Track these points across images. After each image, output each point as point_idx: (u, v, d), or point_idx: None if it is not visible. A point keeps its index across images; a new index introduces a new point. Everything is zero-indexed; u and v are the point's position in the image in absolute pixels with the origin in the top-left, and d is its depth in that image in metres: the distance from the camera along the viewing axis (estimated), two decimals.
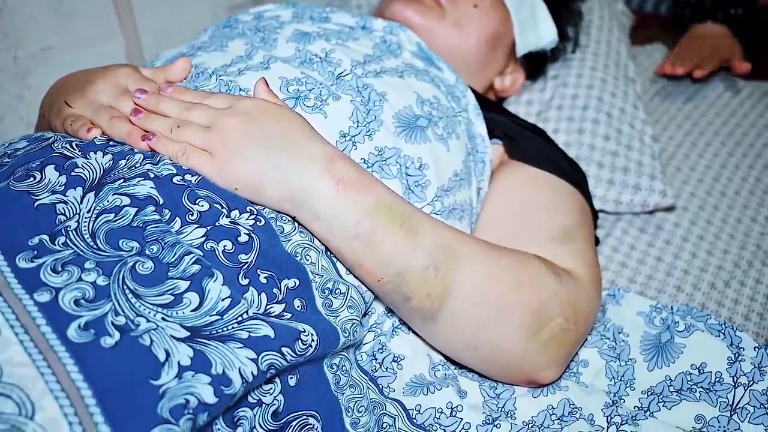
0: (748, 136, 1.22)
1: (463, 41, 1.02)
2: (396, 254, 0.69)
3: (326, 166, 0.69)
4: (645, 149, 1.07)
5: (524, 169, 0.90)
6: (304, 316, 0.67)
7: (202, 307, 0.62)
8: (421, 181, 0.79)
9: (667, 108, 1.27)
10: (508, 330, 0.72)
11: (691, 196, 1.09)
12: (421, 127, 0.81)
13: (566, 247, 0.81)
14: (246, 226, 0.68)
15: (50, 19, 1.17)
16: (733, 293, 0.97)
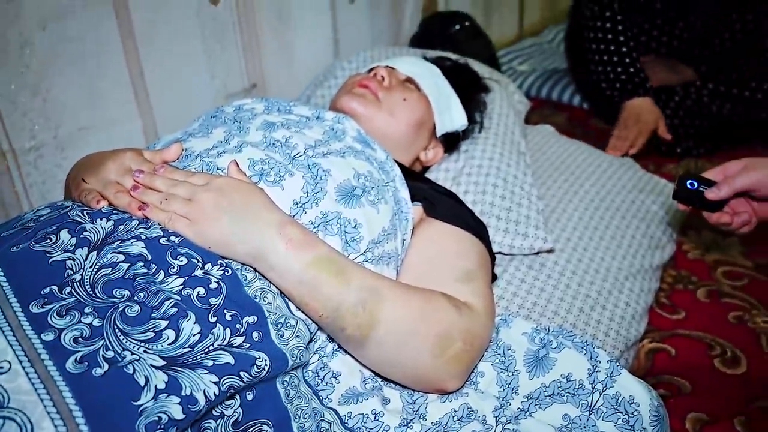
0: (610, 195, 1.23)
1: (395, 125, 1.01)
2: (332, 295, 0.68)
3: (279, 229, 0.68)
4: (531, 206, 1.07)
5: (438, 225, 0.89)
6: (261, 345, 0.65)
7: (177, 341, 0.60)
8: (356, 236, 0.78)
9: (551, 173, 1.27)
10: (419, 352, 0.71)
11: (567, 240, 1.09)
12: (357, 196, 0.80)
13: (467, 286, 0.80)
14: (216, 276, 0.66)
15: (84, 105, 1.15)
16: (597, 315, 0.97)
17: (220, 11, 1.33)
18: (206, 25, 1.31)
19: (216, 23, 1.33)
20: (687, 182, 0.90)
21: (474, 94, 1.19)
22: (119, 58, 1.18)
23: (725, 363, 0.97)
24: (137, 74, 1.21)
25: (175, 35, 1.26)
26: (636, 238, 1.14)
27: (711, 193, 0.88)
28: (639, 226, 1.17)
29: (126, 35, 1.18)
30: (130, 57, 1.20)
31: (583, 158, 1.33)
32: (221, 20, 1.34)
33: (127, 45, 1.19)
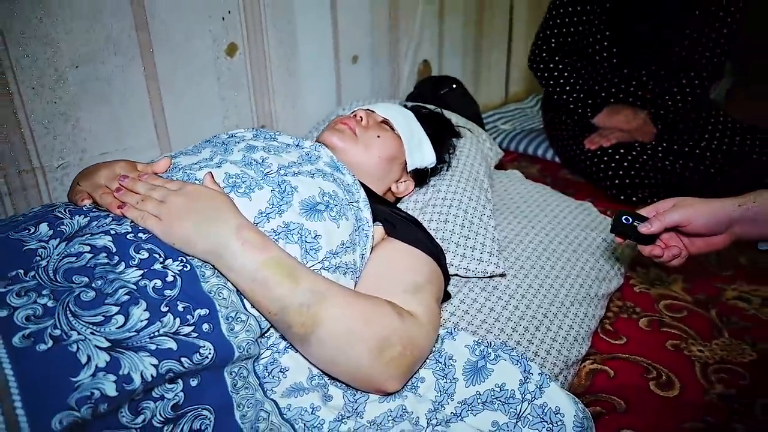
0: (564, 230, 1.17)
1: (369, 158, 0.99)
2: (282, 295, 0.64)
3: (236, 231, 0.64)
4: (487, 235, 1.02)
5: (397, 243, 0.84)
6: (209, 336, 0.60)
7: (125, 326, 0.56)
8: (315, 246, 0.73)
9: (513, 210, 1.23)
10: (359, 353, 0.65)
11: (520, 267, 1.03)
12: (320, 210, 0.76)
13: (414, 297, 0.75)
14: (174, 270, 0.62)
15: (108, 134, 1.14)
16: (541, 335, 0.90)
17: (235, 62, 1.33)
18: (222, 73, 1.31)
19: (231, 72, 1.33)
20: (622, 218, 0.86)
21: (444, 137, 1.17)
22: (143, 96, 1.18)
23: (660, 386, 0.89)
24: (158, 110, 1.21)
25: (194, 80, 1.26)
26: (584, 270, 1.08)
27: (643, 228, 0.83)
28: (588, 259, 1.11)
29: (150, 78, 1.18)
30: (153, 96, 1.20)
31: (543, 198, 1.29)
32: (236, 70, 1.34)
33: (151, 86, 1.19)
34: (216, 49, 1.28)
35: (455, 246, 1.00)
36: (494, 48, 2.39)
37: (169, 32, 1.18)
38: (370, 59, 1.74)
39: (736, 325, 1.05)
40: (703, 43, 1.59)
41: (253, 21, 1.34)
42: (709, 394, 0.88)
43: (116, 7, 1.09)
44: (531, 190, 1.33)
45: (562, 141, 1.81)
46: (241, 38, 1.33)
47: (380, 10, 1.72)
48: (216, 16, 1.26)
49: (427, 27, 1.96)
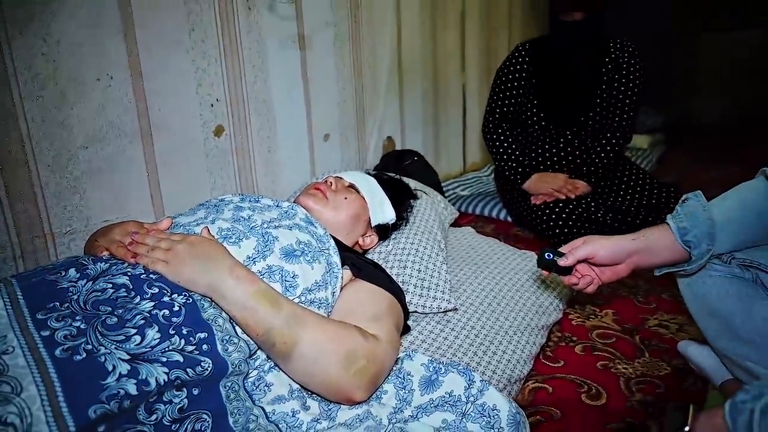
0: (509, 274, 1.34)
1: (338, 216, 1.15)
2: (267, 318, 0.77)
3: (230, 270, 0.79)
4: (441, 277, 1.18)
5: (361, 283, 0.99)
6: (207, 354, 0.73)
7: (142, 343, 0.69)
8: (293, 284, 0.88)
9: (465, 258, 1.40)
10: (331, 365, 0.79)
11: (470, 304, 1.19)
12: (297, 255, 0.91)
13: (375, 323, 0.89)
14: (179, 302, 0.76)
15: (110, 204, 1.29)
16: (488, 358, 1.04)
17: (222, 142, 1.52)
18: (210, 151, 1.50)
19: (218, 150, 1.51)
20: (545, 254, 1.02)
21: (402, 198, 1.35)
22: (141, 171, 1.34)
23: (590, 397, 1.03)
24: (154, 183, 1.37)
25: (186, 157, 1.44)
26: (526, 305, 1.23)
27: (561, 261, 1.00)
28: (530, 297, 1.27)
29: (148, 156, 1.35)
30: (150, 171, 1.36)
31: (492, 249, 1.46)
32: (222, 148, 1.53)
33: (149, 163, 1.36)
34: (205, 131, 1.47)
35: (413, 287, 1.15)
36: (450, 123, 2.66)
37: (165, 118, 1.37)
38: (339, 137, 1.96)
39: (656, 347, 1.21)
40: (611, 111, 1.87)
41: (237, 107, 1.55)
42: (630, 402, 1.02)
43: (121, 99, 1.28)
44: (481, 242, 1.51)
45: (513, 201, 2.02)
46: (227, 121, 1.53)
47: (348, 94, 1.97)
48: (206, 103, 1.46)
49: (390, 106, 2.21)
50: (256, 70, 1.59)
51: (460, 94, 2.72)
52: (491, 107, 2.00)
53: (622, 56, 1.88)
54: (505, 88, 1.96)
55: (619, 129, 1.87)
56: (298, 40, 1.72)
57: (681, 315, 1.33)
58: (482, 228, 2.01)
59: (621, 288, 1.51)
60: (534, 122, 1.95)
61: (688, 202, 0.95)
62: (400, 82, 2.27)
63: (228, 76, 1.51)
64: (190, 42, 1.40)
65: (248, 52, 1.56)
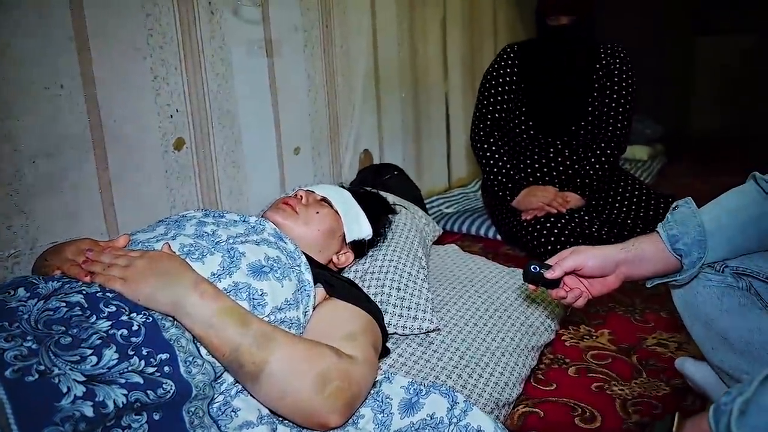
0: (497, 293, 1.39)
1: (309, 232, 1.19)
2: (234, 336, 0.81)
3: (194, 285, 0.83)
4: (422, 295, 1.23)
5: (335, 302, 1.04)
6: (170, 376, 0.77)
7: (98, 364, 0.72)
8: (262, 302, 0.92)
9: (448, 277, 1.45)
10: (303, 386, 0.82)
11: (455, 325, 1.23)
12: (265, 272, 0.95)
13: (350, 343, 0.93)
14: (139, 321, 0.79)
15: (60, 224, 1.31)
16: (474, 381, 1.09)
17: (183, 156, 1.56)
18: (170, 166, 1.54)
19: (178, 164, 1.56)
20: (531, 266, 1.08)
21: (380, 212, 1.40)
22: (94, 188, 1.37)
23: (584, 420, 1.08)
24: (108, 201, 1.40)
25: (143, 172, 1.47)
26: (515, 325, 1.28)
27: (548, 274, 1.05)
28: (518, 317, 1.32)
29: (102, 171, 1.39)
30: (104, 188, 1.39)
31: (477, 267, 1.52)
32: (182, 163, 1.57)
33: (102, 179, 1.39)
34: (164, 144, 1.51)
35: (392, 307, 1.19)
36: (433, 135, 2.74)
37: (121, 129, 1.41)
38: (311, 150, 2.01)
39: (654, 366, 1.27)
40: (604, 120, 1.96)
41: (199, 118, 1.60)
42: (626, 423, 1.07)
43: (72, 109, 1.32)
44: (467, 260, 1.57)
45: (502, 217, 2.09)
46: (188, 134, 1.57)
47: (320, 104, 2.03)
48: (165, 114, 1.51)
49: (366, 117, 2.28)
50: (220, 79, 1.65)
51: (442, 104, 2.82)
52: (480, 113, 2.08)
53: (613, 62, 1.99)
54: (495, 91, 2.04)
55: (613, 138, 1.96)
56: (266, 45, 1.79)
57: (680, 333, 1.40)
58: (469, 247, 2.07)
59: (617, 306, 1.57)
60: (522, 131, 2.04)
61: (678, 209, 1.01)
62: (377, 92, 2.35)
63: (189, 84, 1.56)
64: (147, 48, 1.45)
65: (211, 59, 1.61)
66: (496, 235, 2.22)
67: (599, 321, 1.50)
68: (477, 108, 2.09)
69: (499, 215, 2.12)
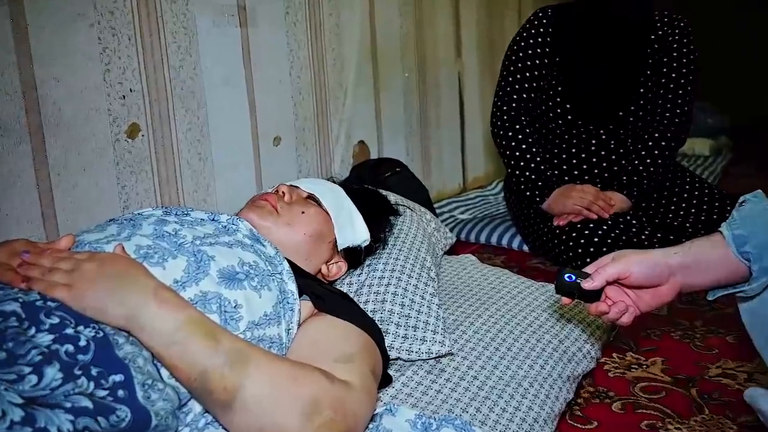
0: (523, 311, 1.41)
1: (293, 236, 1.22)
2: (201, 356, 0.83)
3: (153, 292, 0.85)
4: (431, 313, 1.25)
5: (326, 317, 1.06)
6: (125, 401, 0.79)
7: (39, 384, 0.74)
8: (236, 316, 0.94)
9: (464, 293, 1.47)
10: (286, 417, 0.84)
11: (471, 349, 1.25)
12: (240, 279, 0.97)
13: (345, 366, 0.95)
14: (86, 336, 0.81)
15: None
16: (495, 416, 1.10)
17: (137, 145, 1.59)
18: (122, 157, 1.57)
19: (132, 156, 1.59)
20: (565, 275, 1.10)
21: (378, 213, 1.43)
22: (30, 184, 1.40)
23: None
24: (47, 200, 1.43)
25: (89, 165, 1.50)
26: (546, 350, 1.30)
27: (586, 284, 1.07)
28: (551, 340, 1.34)
29: (39, 163, 1.42)
30: (42, 184, 1.42)
31: (499, 281, 1.54)
32: (137, 153, 1.60)
33: (40, 173, 1.42)
34: (115, 131, 1.55)
35: (395, 327, 1.22)
36: (444, 126, 2.78)
37: (63, 113, 1.44)
38: (295, 141, 2.05)
39: (719, 401, 1.28)
40: (659, 104, 1.98)
41: (158, 100, 1.63)
42: None
43: (4, 88, 1.35)
44: (486, 273, 1.59)
45: (529, 224, 2.12)
46: (144, 119, 1.60)
47: (304, 88, 2.06)
48: (116, 94, 1.54)
49: (361, 102, 2.32)
50: (183, 53, 1.68)
51: (455, 86, 2.85)
52: (503, 95, 2.09)
53: (672, 34, 2.01)
54: (522, 67, 2.05)
55: (670, 128, 1.99)
56: (238, 13, 1.83)
57: (750, 360, 1.42)
58: (490, 260, 2.09)
59: (672, 329, 1.59)
60: (556, 116, 2.05)
61: (746, 205, 1.03)
62: (374, 71, 2.38)
63: (146, 59, 1.60)
64: (95, 15, 1.49)
65: (172, 27, 1.65)
66: (521, 245, 2.24)
67: (651, 347, 1.51)
68: (499, 88, 2.11)
69: (526, 221, 2.14)
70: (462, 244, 2.28)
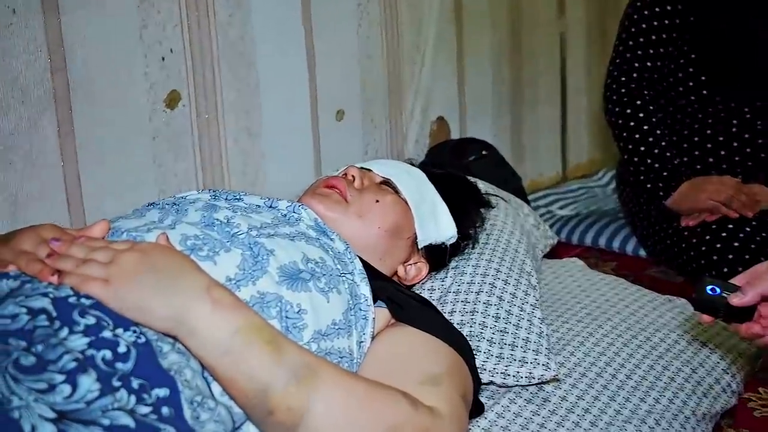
0: (646, 331, 1.38)
1: (365, 229, 1.21)
2: (262, 369, 0.83)
3: (205, 290, 0.86)
4: (533, 328, 1.23)
5: (406, 329, 1.05)
6: (170, 420, 0.79)
7: (73, 396, 0.75)
8: (299, 323, 0.94)
9: (571, 305, 1.44)
10: None
11: (582, 375, 1.22)
12: (304, 279, 0.98)
13: (432, 389, 0.94)
14: (127, 341, 0.83)
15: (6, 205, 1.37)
16: None
17: (177, 117, 1.62)
18: (159, 131, 1.59)
19: (171, 129, 1.61)
20: (707, 287, 1.06)
21: (468, 204, 1.41)
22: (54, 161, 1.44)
23: None
24: (73, 179, 1.47)
25: (121, 139, 1.53)
26: (675, 381, 1.27)
27: (735, 298, 1.03)
28: (681, 368, 1.30)
29: (66, 137, 1.45)
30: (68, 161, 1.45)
31: (615, 292, 1.51)
32: (177, 127, 1.62)
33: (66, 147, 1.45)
34: (152, 99, 1.57)
35: (488, 344, 1.20)
36: (541, 101, 2.73)
37: (92, 75, 1.47)
38: (361, 115, 2.04)
39: None
40: None
41: (202, 64, 1.65)
42: None
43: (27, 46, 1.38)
44: (597, 281, 1.56)
45: (648, 222, 2.07)
46: (185, 85, 1.62)
47: (374, 52, 2.06)
48: (155, 56, 1.57)
49: (442, 71, 2.30)
50: (232, 6, 1.70)
51: (556, 52, 2.80)
52: (622, 59, 2.04)
53: None
54: (646, 27, 2.00)
55: None
56: None
57: None
58: (598, 266, 2.05)
59: None
60: (688, 90, 1.99)
61: None
62: (458, 33, 2.36)
63: (189, 14, 1.62)
64: None
65: None
66: (637, 249, 2.20)
67: None
68: (616, 55, 2.07)
69: (645, 220, 2.09)
70: (562, 246, 2.24)
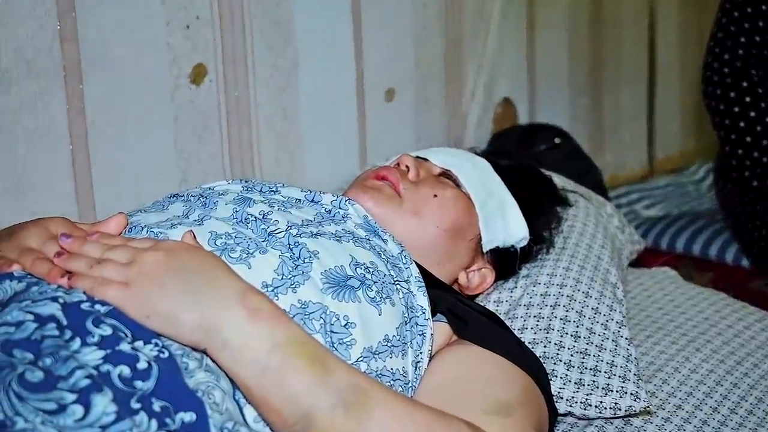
0: (753, 356, 1.35)
1: (421, 229, 1.20)
2: (305, 391, 0.82)
3: (241, 297, 0.85)
4: (619, 350, 1.20)
5: (470, 348, 1.04)
6: None
7: (85, 419, 0.75)
8: (346, 339, 0.93)
9: (663, 324, 1.41)
10: None
11: (677, 408, 1.19)
12: (352, 287, 0.96)
13: (501, 420, 0.93)
14: (147, 355, 0.82)
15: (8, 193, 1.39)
16: None
17: (203, 94, 1.62)
18: (182, 110, 1.60)
19: (195, 109, 1.61)
20: None
21: (542, 201, 1.39)
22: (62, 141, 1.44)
23: None
24: (83, 163, 1.47)
25: (137, 120, 1.54)
26: None
27: None
28: None
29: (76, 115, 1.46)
30: (77, 142, 1.46)
31: (715, 309, 1.48)
32: (203, 105, 1.62)
33: (75, 127, 1.46)
34: (175, 73, 1.57)
35: (565, 368, 1.18)
36: (624, 82, 2.69)
37: (108, 47, 1.48)
38: (414, 94, 2.03)
39: None
40: None
41: (232, 33, 1.65)
42: None
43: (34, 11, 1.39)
44: (693, 295, 1.54)
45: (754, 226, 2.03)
46: (212, 58, 1.62)
47: (431, 20, 2.04)
48: (178, 23, 1.57)
49: (509, 47, 2.27)
50: None
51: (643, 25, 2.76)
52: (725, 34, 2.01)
53: None
54: None
55: None
56: None
57: None
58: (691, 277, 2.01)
59: None
60: None
61: None
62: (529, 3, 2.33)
63: None
64: None
65: None
66: (739, 258, 2.17)
67: None
68: (718, 29, 2.04)
69: (749, 223, 2.06)
70: (648, 253, 2.21)
